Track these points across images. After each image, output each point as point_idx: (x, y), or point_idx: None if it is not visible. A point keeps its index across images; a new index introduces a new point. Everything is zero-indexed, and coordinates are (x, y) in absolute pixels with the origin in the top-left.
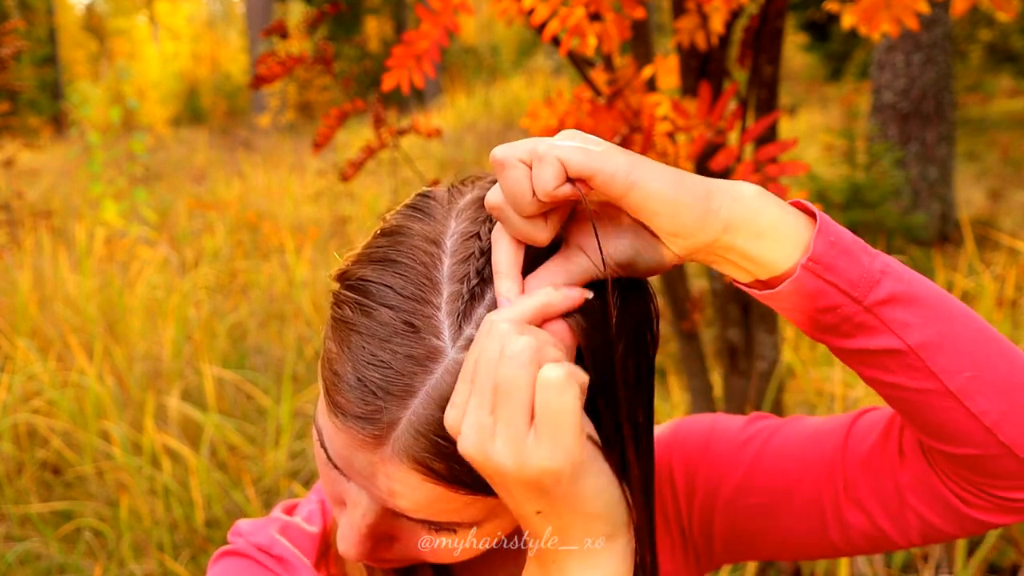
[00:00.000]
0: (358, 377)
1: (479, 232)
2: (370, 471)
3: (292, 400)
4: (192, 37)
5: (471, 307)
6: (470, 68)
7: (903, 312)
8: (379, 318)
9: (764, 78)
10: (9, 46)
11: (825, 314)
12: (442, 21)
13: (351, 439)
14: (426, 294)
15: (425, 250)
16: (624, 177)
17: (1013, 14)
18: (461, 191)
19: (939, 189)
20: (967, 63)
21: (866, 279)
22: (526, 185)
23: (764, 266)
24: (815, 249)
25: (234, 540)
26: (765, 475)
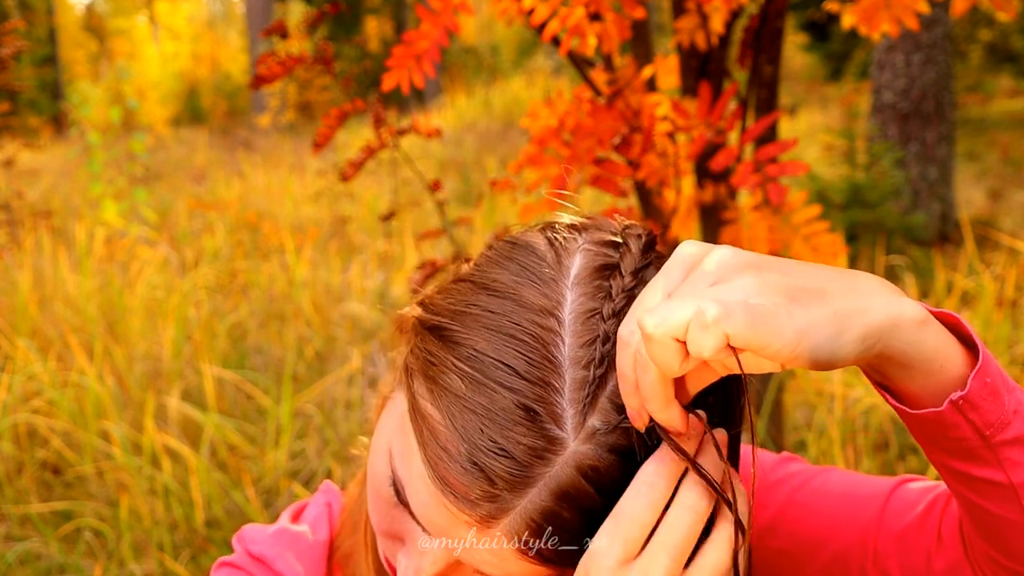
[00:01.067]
0: (474, 462)
1: (601, 311)
2: (468, 544)
3: (292, 400)
4: (192, 37)
5: (597, 395)
6: (470, 68)
7: (1020, 453)
8: (500, 403)
9: (764, 78)
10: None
11: (950, 441)
12: (442, 21)
13: (456, 515)
14: (548, 377)
15: (543, 325)
16: (791, 352)
17: (1013, 14)
18: (567, 249)
19: (939, 189)
20: (967, 63)
21: (1001, 420)
22: (671, 361)
23: (901, 392)
24: (971, 390)
25: (237, 547)
26: (794, 521)
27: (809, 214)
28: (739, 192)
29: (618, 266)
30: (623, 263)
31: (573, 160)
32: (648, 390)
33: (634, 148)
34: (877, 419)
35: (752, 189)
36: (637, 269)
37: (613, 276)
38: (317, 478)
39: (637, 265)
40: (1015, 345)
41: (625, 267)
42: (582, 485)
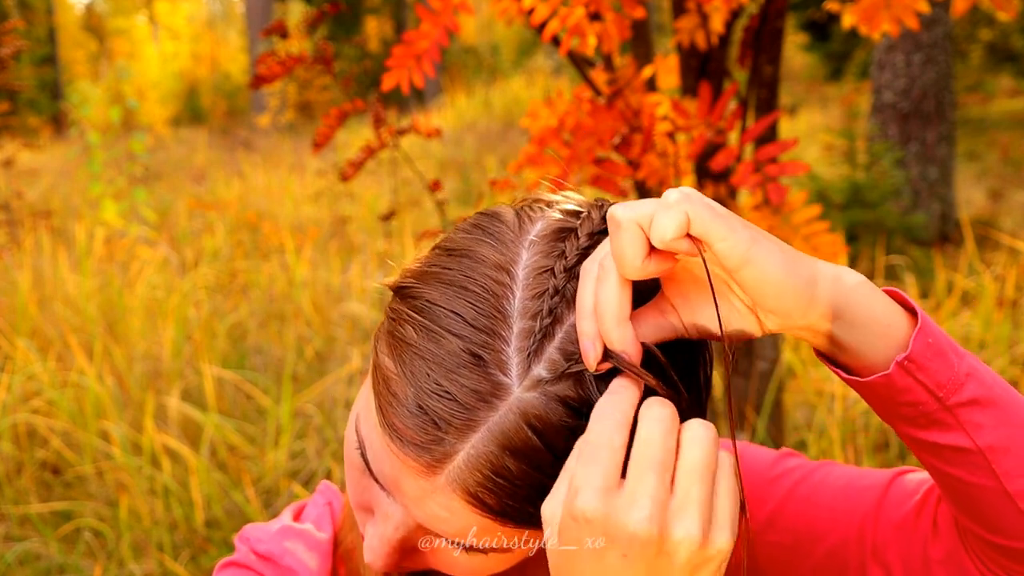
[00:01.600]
0: (420, 405)
1: (553, 268)
2: (418, 495)
3: (292, 400)
4: (192, 37)
5: (542, 345)
6: (470, 68)
7: (980, 414)
8: (446, 347)
9: (764, 78)
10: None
11: (906, 407)
12: (442, 21)
13: (404, 464)
14: (496, 327)
15: (496, 279)
16: (743, 251)
17: (1013, 14)
18: (530, 216)
19: (939, 189)
20: (967, 63)
21: (953, 381)
22: (635, 248)
23: (855, 355)
24: (913, 349)
25: (240, 547)
26: (793, 516)
27: (809, 214)
28: (739, 192)
29: (576, 230)
30: (581, 228)
31: (573, 160)
32: (605, 302)
33: (634, 148)
34: (876, 420)
35: (752, 189)
36: (594, 232)
37: (569, 238)
38: (317, 478)
39: (594, 229)
40: (1015, 345)
41: (582, 230)
42: (526, 434)
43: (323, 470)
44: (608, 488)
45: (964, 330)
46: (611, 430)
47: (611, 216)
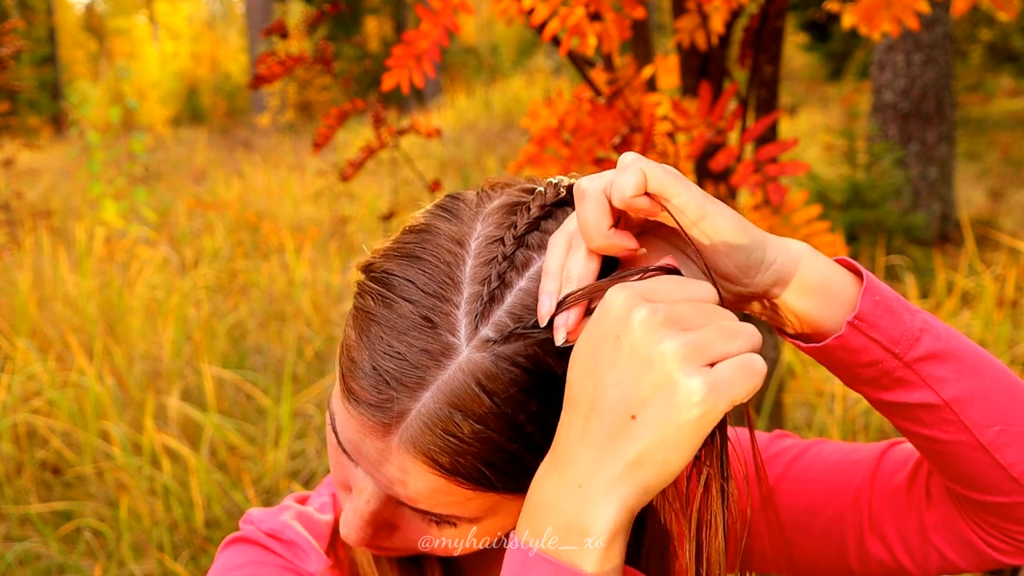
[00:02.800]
0: (373, 366)
1: (503, 237)
2: (377, 458)
3: (292, 400)
4: (192, 37)
5: (489, 308)
6: (470, 68)
7: (940, 368)
8: (399, 311)
9: (764, 78)
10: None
11: (866, 368)
12: (442, 21)
13: (362, 425)
14: (447, 292)
15: (449, 249)
16: (699, 206)
17: (1013, 14)
18: (490, 196)
19: (939, 189)
20: (967, 63)
21: (907, 336)
22: (599, 217)
23: (810, 322)
24: (861, 308)
25: (244, 527)
26: (789, 493)
27: (809, 214)
28: (739, 192)
29: (528, 204)
30: (533, 201)
31: (573, 160)
32: (572, 269)
33: (634, 148)
34: (877, 419)
35: (752, 189)
36: (546, 204)
37: (520, 210)
38: (317, 478)
39: (546, 201)
40: (1015, 345)
41: (534, 203)
42: (474, 392)
43: (323, 470)
44: (664, 324)
45: (964, 330)
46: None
47: (576, 187)
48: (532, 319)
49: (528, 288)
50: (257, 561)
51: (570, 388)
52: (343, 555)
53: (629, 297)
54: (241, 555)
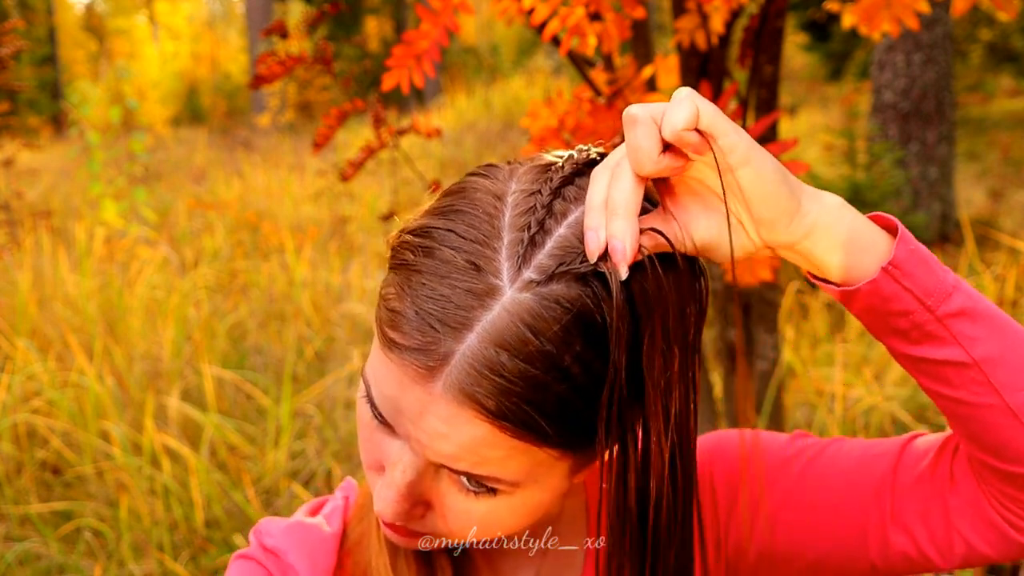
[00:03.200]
0: (416, 311)
1: (540, 190)
2: (419, 409)
3: (292, 400)
4: (192, 37)
5: (531, 252)
6: (470, 68)
7: (971, 326)
8: (441, 256)
9: (764, 78)
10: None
11: (897, 318)
12: (442, 21)
13: (404, 374)
14: (488, 239)
15: (489, 202)
16: (745, 150)
17: (1014, 14)
18: (521, 163)
19: (939, 189)
20: (967, 63)
21: (940, 290)
22: (650, 141)
23: (841, 271)
24: (896, 255)
25: (253, 539)
26: (810, 491)
27: None
28: None
29: (562, 163)
30: (565, 162)
31: None
32: (617, 196)
33: None
34: (877, 419)
35: None
36: (579, 161)
37: (555, 168)
38: (317, 478)
39: (579, 160)
40: None
41: (567, 162)
42: (520, 331)
43: (323, 470)
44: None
45: None
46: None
47: (627, 113)
48: (573, 259)
49: (566, 235)
50: None
51: None
52: (351, 564)
53: None
54: (242, 573)
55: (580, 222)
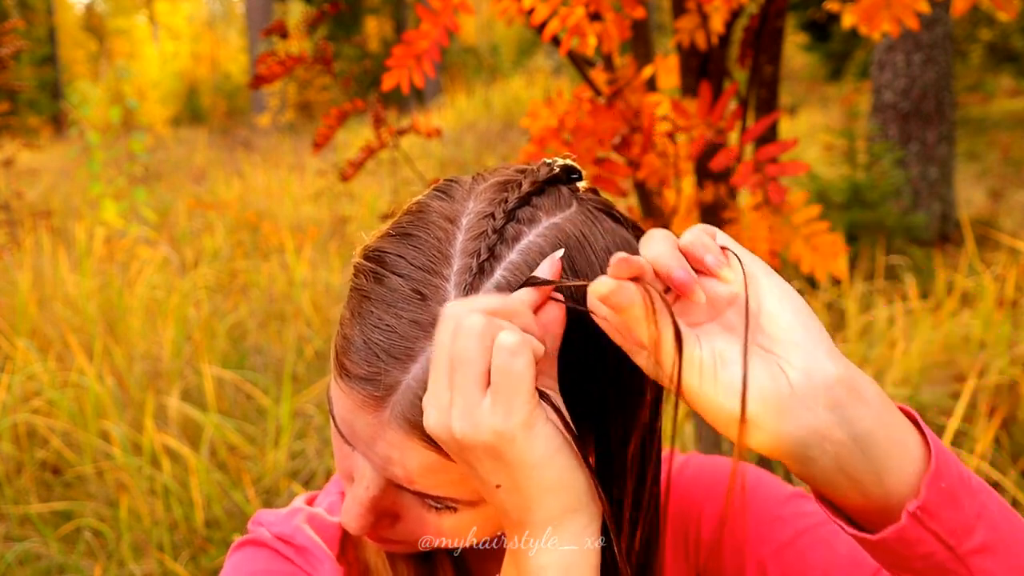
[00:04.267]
0: (364, 340)
1: (494, 212)
2: (371, 435)
3: (292, 400)
4: (192, 37)
5: (479, 280)
6: (470, 68)
7: (991, 561)
8: (389, 285)
9: (764, 78)
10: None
11: (917, 561)
12: (442, 21)
13: (354, 402)
14: (437, 266)
15: (441, 226)
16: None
17: (1014, 14)
18: (484, 177)
19: (939, 189)
20: (967, 63)
21: (965, 526)
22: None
23: (858, 486)
24: (927, 496)
25: (254, 529)
26: (799, 561)
27: (809, 214)
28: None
29: (520, 181)
30: (525, 178)
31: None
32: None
33: (634, 148)
34: None
35: (752, 189)
36: (538, 180)
37: (512, 186)
38: (317, 478)
39: (538, 177)
40: (1015, 345)
41: (525, 180)
42: None
43: (323, 470)
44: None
45: (964, 330)
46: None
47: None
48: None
49: (516, 262)
50: (269, 570)
51: None
52: (354, 557)
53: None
54: (253, 560)
55: (532, 247)
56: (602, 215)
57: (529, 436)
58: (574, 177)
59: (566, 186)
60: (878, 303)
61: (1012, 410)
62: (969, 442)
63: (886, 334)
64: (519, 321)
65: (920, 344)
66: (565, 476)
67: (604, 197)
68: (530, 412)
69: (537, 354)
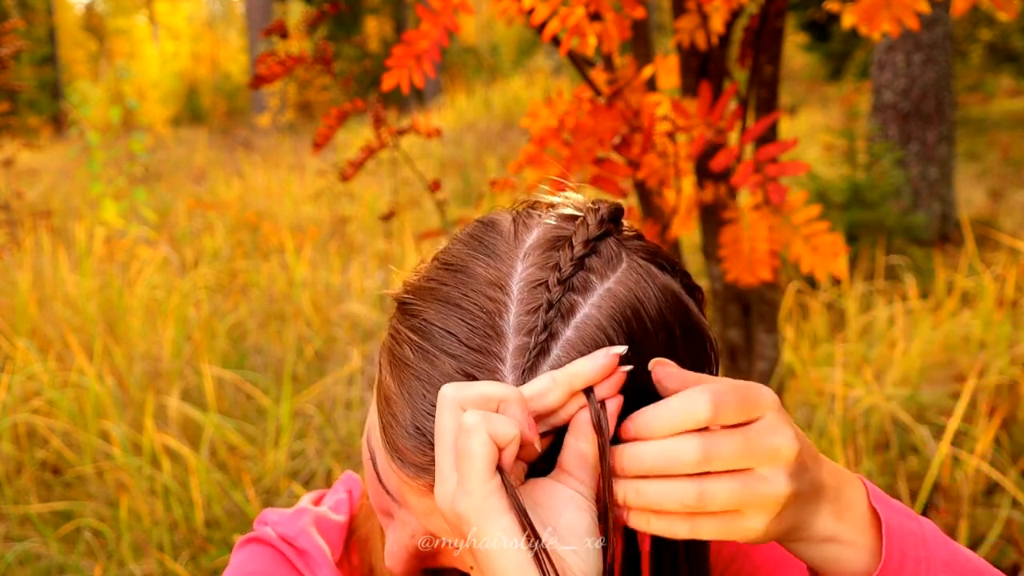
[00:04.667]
0: (416, 426)
1: (547, 281)
2: (424, 511)
3: (292, 400)
4: (192, 37)
5: (537, 363)
6: (470, 68)
7: None
8: (441, 368)
9: (764, 78)
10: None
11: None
12: (442, 21)
13: (405, 482)
14: (490, 345)
15: (490, 296)
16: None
17: (1013, 14)
18: (527, 224)
19: (939, 189)
20: (967, 63)
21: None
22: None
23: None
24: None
25: (260, 528)
26: None
27: (809, 214)
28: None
29: (570, 238)
30: (576, 235)
31: (573, 160)
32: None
33: (634, 148)
34: (877, 419)
35: (752, 189)
36: (589, 239)
37: (563, 247)
38: (317, 478)
39: (590, 235)
40: (1015, 345)
41: (577, 238)
42: None
43: (323, 470)
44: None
45: (964, 330)
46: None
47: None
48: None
49: (572, 339)
50: (269, 571)
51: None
52: (358, 561)
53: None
54: (257, 557)
55: (588, 321)
56: (651, 267)
57: (483, 523)
58: (618, 222)
59: (613, 237)
60: (878, 303)
61: (1012, 410)
62: (969, 442)
63: (886, 334)
64: (508, 409)
65: (920, 344)
66: (521, 573)
67: (647, 241)
68: (484, 498)
69: (501, 442)
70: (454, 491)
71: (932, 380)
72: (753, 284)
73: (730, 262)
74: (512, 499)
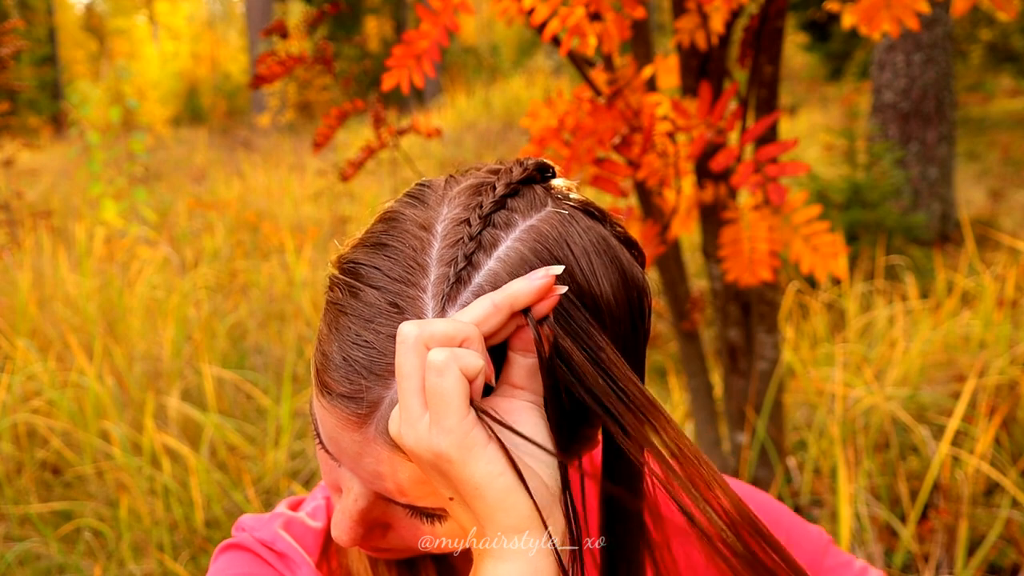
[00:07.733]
0: (343, 357)
1: (469, 218)
2: (357, 451)
3: (292, 400)
4: (192, 37)
5: (457, 290)
6: (470, 68)
7: None
8: (365, 299)
9: (764, 78)
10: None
11: None
12: (442, 21)
13: (337, 419)
14: (413, 276)
15: (416, 235)
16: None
17: (1014, 14)
18: (457, 180)
19: (939, 189)
20: (967, 63)
21: None
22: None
23: None
24: None
25: (237, 534)
26: None
27: (809, 214)
28: (739, 192)
29: (494, 183)
30: (499, 180)
31: (573, 160)
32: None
33: (634, 148)
34: (877, 419)
35: (752, 189)
36: (512, 182)
37: (486, 190)
38: (317, 478)
39: (513, 179)
40: (1015, 345)
41: (499, 181)
42: None
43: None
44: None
45: (964, 330)
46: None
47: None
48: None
49: (495, 268)
50: (251, 574)
51: None
52: (336, 563)
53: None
54: (236, 562)
55: (510, 252)
56: (578, 212)
57: (467, 457)
58: (548, 176)
59: (540, 185)
60: (878, 303)
61: (1012, 410)
62: (969, 442)
63: (886, 334)
64: (472, 345)
65: (920, 344)
66: (508, 499)
67: (578, 196)
68: (464, 433)
69: (471, 376)
70: (429, 430)
71: (932, 380)
72: (753, 284)
73: (730, 262)
74: (492, 429)
